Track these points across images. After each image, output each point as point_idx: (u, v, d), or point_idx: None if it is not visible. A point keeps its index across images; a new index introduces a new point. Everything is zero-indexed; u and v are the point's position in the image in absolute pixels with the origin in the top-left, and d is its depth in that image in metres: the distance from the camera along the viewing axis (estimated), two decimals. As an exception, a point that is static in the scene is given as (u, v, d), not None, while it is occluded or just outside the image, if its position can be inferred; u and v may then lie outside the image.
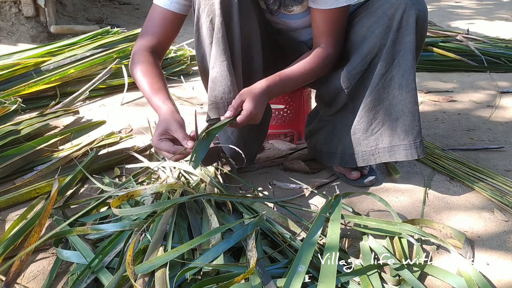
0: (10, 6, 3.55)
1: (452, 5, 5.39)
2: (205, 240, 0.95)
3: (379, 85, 1.23)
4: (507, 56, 2.65)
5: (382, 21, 1.19)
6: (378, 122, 1.27)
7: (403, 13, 1.16)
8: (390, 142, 1.26)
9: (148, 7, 1.31)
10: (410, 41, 1.18)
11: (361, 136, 1.29)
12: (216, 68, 1.17)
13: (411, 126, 1.23)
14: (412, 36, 1.17)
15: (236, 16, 1.16)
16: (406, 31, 1.17)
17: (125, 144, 1.68)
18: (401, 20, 1.17)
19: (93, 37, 2.58)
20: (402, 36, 1.18)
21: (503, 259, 1.06)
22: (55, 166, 1.44)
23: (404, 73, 1.20)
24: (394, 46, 1.19)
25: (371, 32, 1.21)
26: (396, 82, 1.21)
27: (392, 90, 1.23)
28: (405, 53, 1.19)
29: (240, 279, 0.84)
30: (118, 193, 1.18)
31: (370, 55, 1.22)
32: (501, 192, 1.31)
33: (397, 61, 1.20)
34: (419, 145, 1.24)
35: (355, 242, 1.11)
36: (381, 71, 1.22)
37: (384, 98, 1.24)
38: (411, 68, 1.20)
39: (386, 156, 1.27)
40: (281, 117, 1.60)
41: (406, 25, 1.17)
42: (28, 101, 2.05)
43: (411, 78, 1.20)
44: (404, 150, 1.25)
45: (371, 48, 1.22)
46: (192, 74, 2.63)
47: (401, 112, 1.23)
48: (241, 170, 1.47)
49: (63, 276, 1.00)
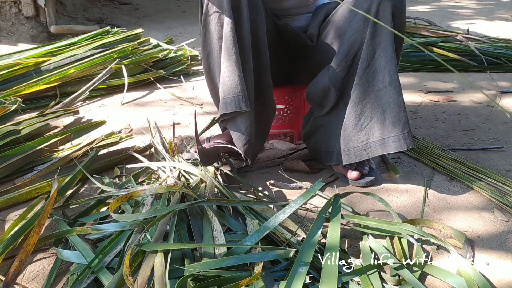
0: (10, 6, 3.55)
1: (452, 5, 5.39)
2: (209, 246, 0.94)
3: (363, 79, 1.23)
4: (507, 56, 2.65)
5: (359, 15, 1.20)
6: (366, 116, 1.26)
7: (378, 5, 1.16)
8: (380, 135, 1.25)
9: (148, 7, 1.31)
10: (389, 32, 1.17)
11: (351, 131, 1.29)
12: (225, 63, 1.17)
13: (397, 117, 1.22)
14: (389, 31, 1.17)
15: (245, 11, 1.16)
16: (383, 23, 1.16)
17: (125, 144, 1.68)
18: (377, 12, 1.17)
19: (93, 37, 2.58)
20: (380, 28, 1.18)
21: (503, 259, 1.06)
22: (55, 166, 1.44)
23: (385, 65, 1.20)
24: (374, 38, 1.19)
25: (350, 27, 1.22)
26: (380, 75, 1.21)
27: (376, 83, 1.22)
28: (385, 44, 1.19)
29: (245, 283, 0.84)
30: (118, 193, 1.18)
31: (352, 50, 1.23)
32: (501, 192, 1.31)
33: (378, 53, 1.20)
34: (407, 135, 1.23)
35: (355, 242, 1.11)
36: (364, 65, 1.22)
37: (370, 92, 1.24)
38: (392, 59, 1.19)
39: (378, 150, 1.26)
40: (281, 117, 1.60)
41: (383, 17, 1.16)
42: (28, 101, 2.05)
43: (392, 69, 1.20)
44: (393, 142, 1.24)
45: (352, 44, 1.22)
46: (192, 74, 2.63)
47: (387, 104, 1.22)
48: (241, 170, 1.47)
49: (63, 276, 1.00)
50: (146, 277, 0.88)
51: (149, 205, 1.13)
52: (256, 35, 1.22)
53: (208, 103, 2.10)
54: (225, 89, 1.19)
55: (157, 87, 2.37)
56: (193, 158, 1.41)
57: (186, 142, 1.70)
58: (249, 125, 1.27)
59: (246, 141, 1.28)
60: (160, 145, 1.50)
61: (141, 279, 0.88)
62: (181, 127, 1.85)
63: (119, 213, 1.17)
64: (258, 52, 1.25)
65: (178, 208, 1.03)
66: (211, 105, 2.03)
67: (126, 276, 0.85)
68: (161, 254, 0.92)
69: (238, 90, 1.17)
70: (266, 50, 1.27)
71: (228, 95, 1.19)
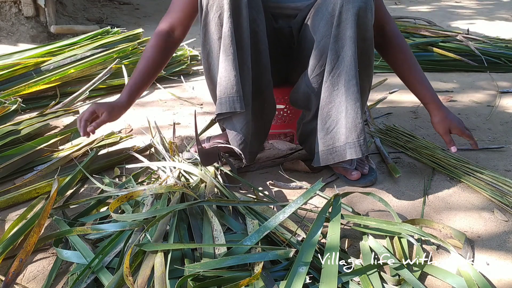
0: (10, 6, 3.55)
1: (452, 5, 5.39)
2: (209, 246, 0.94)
3: (328, 83, 1.22)
4: (507, 56, 2.65)
5: (324, 19, 1.18)
6: (332, 120, 1.25)
7: (341, 7, 1.14)
8: (344, 140, 1.24)
9: (148, 7, 1.32)
10: (350, 36, 1.15)
11: (320, 134, 1.29)
12: (222, 63, 1.17)
13: (354, 124, 1.21)
14: (351, 30, 1.15)
15: (245, 11, 1.16)
16: (345, 26, 1.15)
17: (125, 144, 1.68)
18: (340, 14, 1.15)
19: (93, 37, 2.58)
20: (343, 31, 1.16)
21: (503, 259, 1.06)
22: (55, 166, 1.44)
23: (346, 69, 1.18)
24: (337, 42, 1.17)
25: (319, 31, 1.21)
26: (342, 79, 1.20)
27: (340, 87, 1.21)
28: (346, 48, 1.17)
29: (245, 283, 0.84)
30: (118, 193, 1.18)
31: (324, 55, 1.21)
32: (501, 192, 1.31)
33: (342, 57, 1.18)
34: (362, 142, 1.21)
35: (355, 242, 1.11)
36: (328, 69, 1.21)
37: (335, 96, 1.22)
38: (351, 64, 1.17)
39: (340, 155, 1.25)
40: (281, 117, 1.60)
41: (346, 19, 1.14)
42: (28, 101, 2.05)
43: (351, 74, 1.18)
44: (349, 148, 1.23)
45: (322, 48, 1.21)
46: (192, 74, 2.63)
47: (346, 109, 1.21)
48: (241, 170, 1.47)
49: (63, 276, 1.00)
50: (146, 277, 0.88)
51: (149, 205, 1.13)
52: (256, 35, 1.22)
53: (208, 103, 2.10)
54: (221, 89, 1.19)
55: (157, 87, 2.37)
56: (193, 158, 1.41)
57: (186, 142, 1.70)
58: (245, 125, 1.27)
59: (242, 140, 1.28)
60: (160, 145, 1.50)
61: (141, 279, 0.88)
62: (181, 127, 1.85)
63: (119, 213, 1.17)
64: (258, 52, 1.25)
65: (178, 208, 1.03)
66: (211, 105, 2.03)
67: (126, 276, 0.85)
68: (161, 254, 0.92)
69: (234, 91, 1.17)
70: (266, 49, 1.27)
71: (223, 95, 1.19)
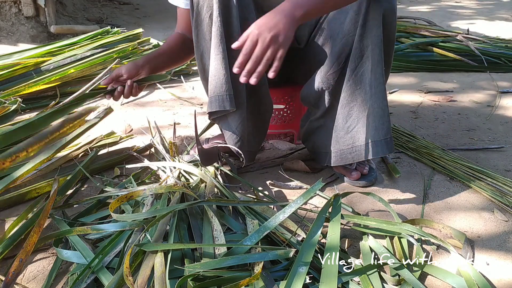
0: (10, 6, 3.55)
1: (452, 5, 5.39)
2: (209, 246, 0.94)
3: (351, 81, 1.22)
4: (507, 56, 2.65)
5: (349, 17, 1.18)
6: (353, 119, 1.25)
7: (367, 6, 1.14)
8: (365, 139, 1.24)
9: (148, 7, 1.33)
10: (377, 35, 1.15)
11: (339, 133, 1.29)
12: (213, 62, 1.18)
13: (381, 122, 1.20)
14: (378, 30, 1.15)
15: (235, 10, 1.16)
16: (372, 25, 1.15)
17: (125, 144, 1.68)
18: (366, 13, 1.15)
19: (93, 37, 2.58)
20: (369, 30, 1.16)
21: (503, 259, 1.06)
22: (55, 166, 1.44)
23: (372, 67, 1.18)
24: (362, 40, 1.17)
25: (341, 29, 1.21)
26: (367, 78, 1.20)
27: (363, 86, 1.21)
28: (373, 47, 1.17)
29: (245, 283, 0.84)
30: (118, 193, 1.18)
31: (344, 53, 1.21)
32: (501, 192, 1.31)
33: (366, 56, 1.19)
34: (389, 141, 1.21)
35: (355, 242, 1.11)
36: (352, 67, 1.21)
37: (357, 95, 1.23)
38: (379, 62, 1.17)
39: (362, 154, 1.26)
40: (281, 117, 1.60)
41: (372, 19, 1.14)
42: (28, 101, 2.05)
43: (379, 73, 1.18)
44: (376, 147, 1.22)
45: (343, 46, 1.21)
46: (192, 74, 2.63)
47: (372, 107, 1.21)
48: (241, 170, 1.47)
49: (63, 276, 1.00)
50: (146, 277, 0.88)
51: (149, 205, 1.13)
52: None
53: (208, 103, 2.10)
54: (211, 88, 1.20)
55: (157, 87, 2.37)
56: (193, 158, 1.41)
57: (186, 142, 1.70)
58: (241, 124, 1.27)
59: (238, 139, 1.29)
60: (160, 145, 1.50)
61: (141, 279, 0.88)
62: (181, 127, 1.85)
63: (119, 213, 1.17)
64: None
65: (178, 208, 1.03)
66: (211, 105, 2.03)
67: (126, 276, 0.85)
68: (161, 254, 0.92)
69: (223, 90, 1.18)
70: None
71: (213, 94, 1.20)
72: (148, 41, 2.66)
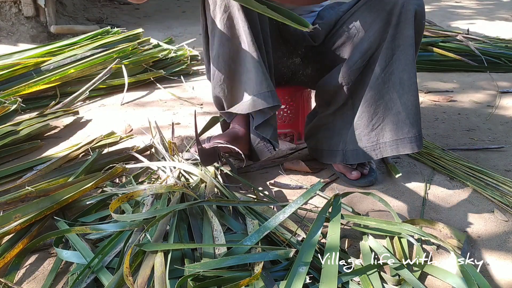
0: (10, 6, 3.55)
1: (452, 5, 5.38)
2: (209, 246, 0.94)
3: (379, 80, 1.23)
4: (507, 56, 2.65)
5: (381, 16, 1.20)
6: (378, 117, 1.27)
7: (401, 7, 1.17)
8: (392, 136, 1.25)
9: (148, 7, 1.32)
10: (410, 35, 1.18)
11: (362, 131, 1.30)
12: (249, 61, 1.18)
13: (415, 119, 1.23)
14: (411, 30, 1.18)
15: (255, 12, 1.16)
16: (405, 25, 1.17)
17: (125, 144, 1.68)
18: (400, 14, 1.17)
19: (93, 37, 2.58)
20: (401, 31, 1.18)
21: (503, 259, 1.06)
22: (55, 166, 1.44)
23: (405, 67, 1.20)
24: (394, 40, 1.20)
25: (371, 27, 1.22)
26: (397, 77, 1.22)
27: (392, 85, 1.23)
28: (405, 47, 1.19)
29: (245, 283, 0.84)
30: (118, 193, 1.18)
31: (370, 50, 1.23)
32: (501, 192, 1.31)
33: (397, 56, 1.20)
34: (418, 138, 1.24)
35: (355, 242, 1.11)
36: (381, 66, 1.22)
37: (384, 93, 1.24)
38: (412, 62, 1.20)
39: (387, 151, 1.27)
40: (281, 117, 1.60)
41: (405, 20, 1.17)
42: (28, 101, 2.05)
43: (412, 72, 1.21)
44: (409, 143, 1.24)
45: (371, 44, 1.23)
46: (192, 74, 2.63)
47: (405, 105, 1.22)
48: (241, 170, 1.47)
49: (63, 276, 1.00)
50: (146, 277, 0.88)
51: (149, 205, 1.13)
52: (265, 35, 1.23)
53: (208, 103, 2.10)
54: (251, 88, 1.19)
55: (157, 87, 2.37)
56: (193, 158, 1.41)
57: (186, 142, 1.70)
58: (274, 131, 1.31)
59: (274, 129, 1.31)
60: (160, 145, 1.50)
61: (141, 279, 0.88)
62: (181, 127, 1.85)
63: (119, 213, 1.17)
64: (264, 53, 1.25)
65: (178, 208, 1.03)
66: (211, 105, 2.02)
67: (126, 276, 0.85)
68: (161, 254, 0.92)
69: (263, 87, 1.18)
70: (270, 51, 1.27)
71: (256, 92, 1.19)
72: (148, 41, 2.66)
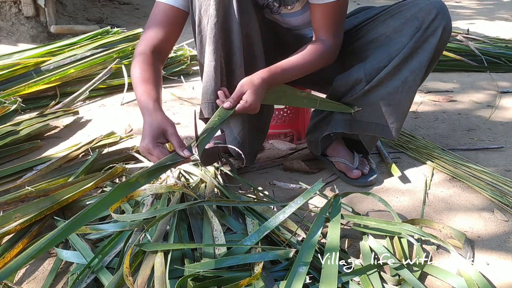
0: (10, 6, 3.55)
1: (452, 5, 5.39)
2: (209, 246, 0.94)
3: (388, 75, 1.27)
4: (507, 56, 2.65)
5: (412, 23, 1.24)
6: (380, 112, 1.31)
7: (435, 17, 1.21)
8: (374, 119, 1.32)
9: (148, 7, 1.31)
10: (433, 44, 1.23)
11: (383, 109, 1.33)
12: (206, 69, 1.18)
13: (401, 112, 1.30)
14: (436, 40, 1.22)
15: (235, 15, 1.16)
16: (433, 34, 1.22)
17: (125, 144, 1.68)
18: (432, 22, 1.21)
19: (93, 37, 2.58)
20: (427, 37, 1.23)
21: (503, 259, 1.06)
22: (55, 166, 1.44)
23: (414, 69, 1.25)
24: (416, 43, 1.23)
25: (399, 32, 1.26)
26: (403, 75, 1.26)
27: (396, 81, 1.27)
28: (423, 53, 1.24)
29: (245, 283, 0.84)
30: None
31: (396, 52, 1.26)
32: (501, 192, 1.31)
33: (411, 57, 1.24)
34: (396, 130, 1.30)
35: (355, 242, 1.11)
36: (396, 62, 1.26)
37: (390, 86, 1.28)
38: (422, 68, 1.25)
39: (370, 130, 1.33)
40: (281, 117, 1.60)
41: (435, 29, 1.22)
42: (28, 101, 2.05)
43: (418, 76, 1.26)
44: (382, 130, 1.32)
45: (399, 46, 1.26)
46: (192, 74, 2.63)
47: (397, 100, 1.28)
48: (241, 170, 1.47)
49: (63, 276, 1.00)
50: (146, 277, 0.88)
51: (149, 205, 1.13)
52: (250, 39, 1.22)
53: (208, 103, 2.10)
54: (202, 94, 1.21)
55: (157, 87, 2.37)
56: (193, 158, 1.41)
57: (186, 142, 1.69)
58: (242, 127, 1.30)
59: (240, 142, 1.31)
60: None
61: (141, 279, 0.88)
62: (181, 127, 1.85)
63: (119, 213, 1.17)
64: (253, 54, 1.25)
65: (178, 208, 1.03)
66: (211, 105, 2.02)
67: (126, 276, 0.85)
68: (161, 254, 0.92)
69: (213, 98, 1.18)
70: (261, 52, 1.27)
71: (204, 100, 1.21)
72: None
